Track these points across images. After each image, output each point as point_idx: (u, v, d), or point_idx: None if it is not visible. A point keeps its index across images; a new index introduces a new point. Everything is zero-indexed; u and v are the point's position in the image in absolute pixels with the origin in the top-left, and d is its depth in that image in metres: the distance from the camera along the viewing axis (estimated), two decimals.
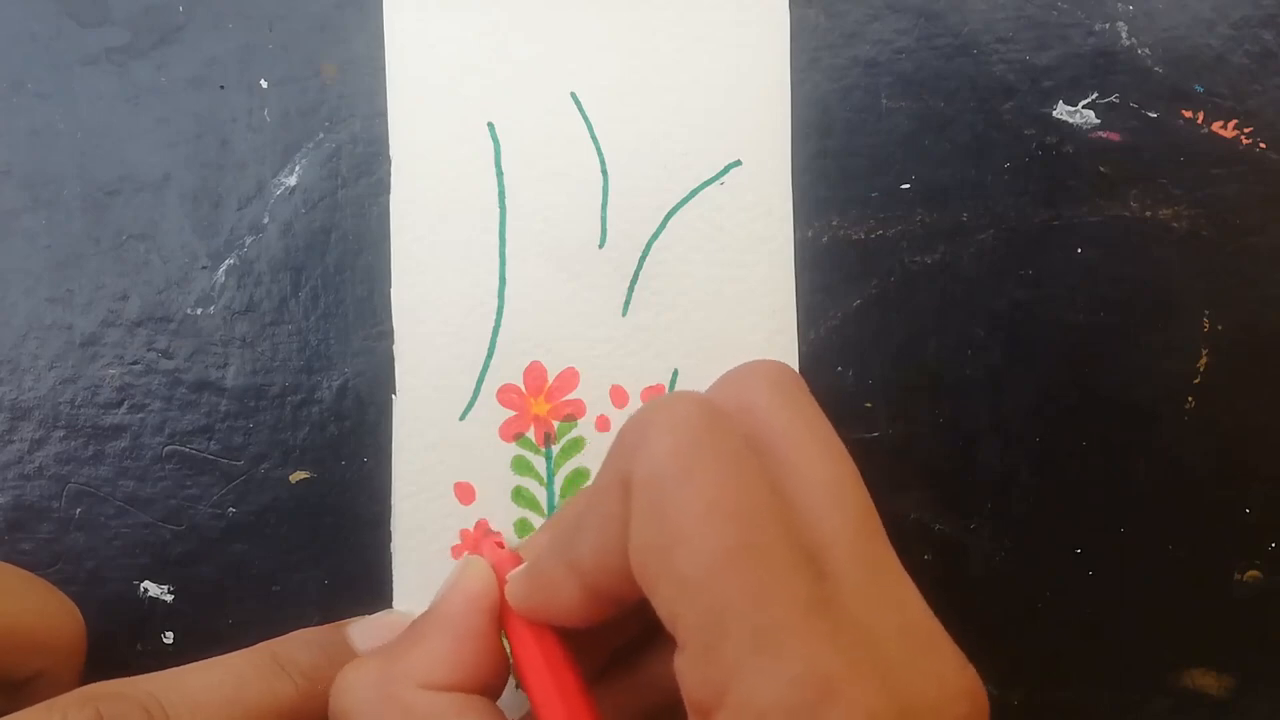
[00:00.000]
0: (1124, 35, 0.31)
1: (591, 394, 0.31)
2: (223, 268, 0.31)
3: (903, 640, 0.20)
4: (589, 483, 0.31)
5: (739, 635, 0.19)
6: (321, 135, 0.31)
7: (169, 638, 0.30)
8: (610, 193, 0.31)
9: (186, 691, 0.25)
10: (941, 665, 0.20)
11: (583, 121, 0.31)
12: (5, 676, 0.25)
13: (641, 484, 0.20)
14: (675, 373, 0.31)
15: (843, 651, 0.19)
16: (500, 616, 0.25)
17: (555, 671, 0.24)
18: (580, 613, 0.23)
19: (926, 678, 0.19)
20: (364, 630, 0.29)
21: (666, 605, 0.20)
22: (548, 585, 0.24)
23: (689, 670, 0.19)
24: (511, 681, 0.28)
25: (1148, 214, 0.31)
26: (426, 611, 0.25)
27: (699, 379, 0.31)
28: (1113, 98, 0.31)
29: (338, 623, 0.29)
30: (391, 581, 0.30)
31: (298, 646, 0.27)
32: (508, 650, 0.25)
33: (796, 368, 0.31)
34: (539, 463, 0.31)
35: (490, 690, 0.24)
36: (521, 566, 0.25)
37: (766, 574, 0.19)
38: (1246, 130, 0.31)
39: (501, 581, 0.25)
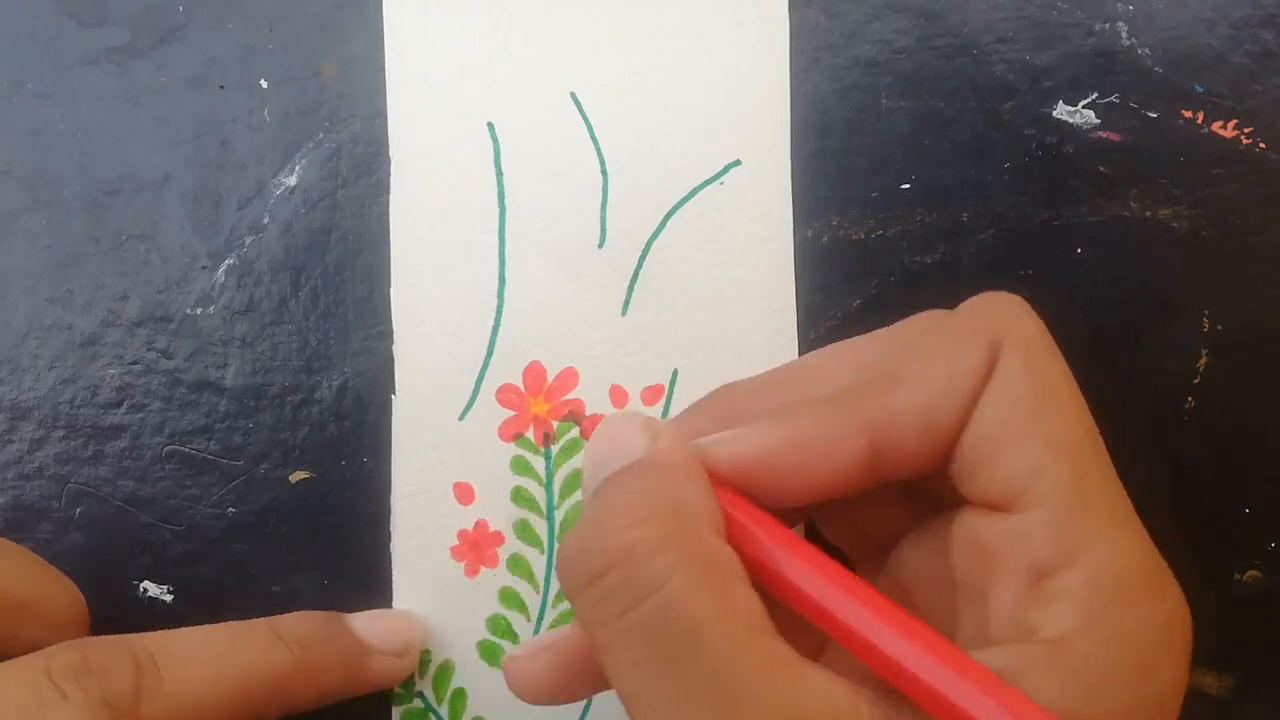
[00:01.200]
0: (1124, 35, 0.31)
1: (591, 394, 0.31)
2: (222, 268, 0.31)
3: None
4: None
5: (1100, 505, 0.21)
6: (321, 135, 0.31)
7: None
8: (610, 192, 0.31)
9: (179, 647, 0.25)
10: (1175, 589, 0.22)
11: (582, 121, 0.31)
12: (5, 647, 0.25)
13: (1027, 347, 0.21)
14: (675, 372, 0.31)
15: (1156, 555, 0.21)
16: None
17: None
18: (845, 479, 0.21)
19: (1174, 590, 0.21)
20: (366, 623, 0.29)
21: (1028, 461, 0.20)
22: (818, 445, 0.21)
23: (1038, 528, 0.20)
24: None
25: (1148, 214, 0.31)
26: (659, 462, 0.21)
27: (699, 379, 0.31)
28: (1113, 98, 0.31)
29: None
30: (391, 582, 0.30)
31: (296, 620, 0.27)
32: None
33: None
34: (538, 463, 0.31)
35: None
36: (780, 417, 0.22)
37: (1109, 463, 0.22)
38: (1246, 130, 0.31)
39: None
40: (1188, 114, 0.31)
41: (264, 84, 0.31)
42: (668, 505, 0.20)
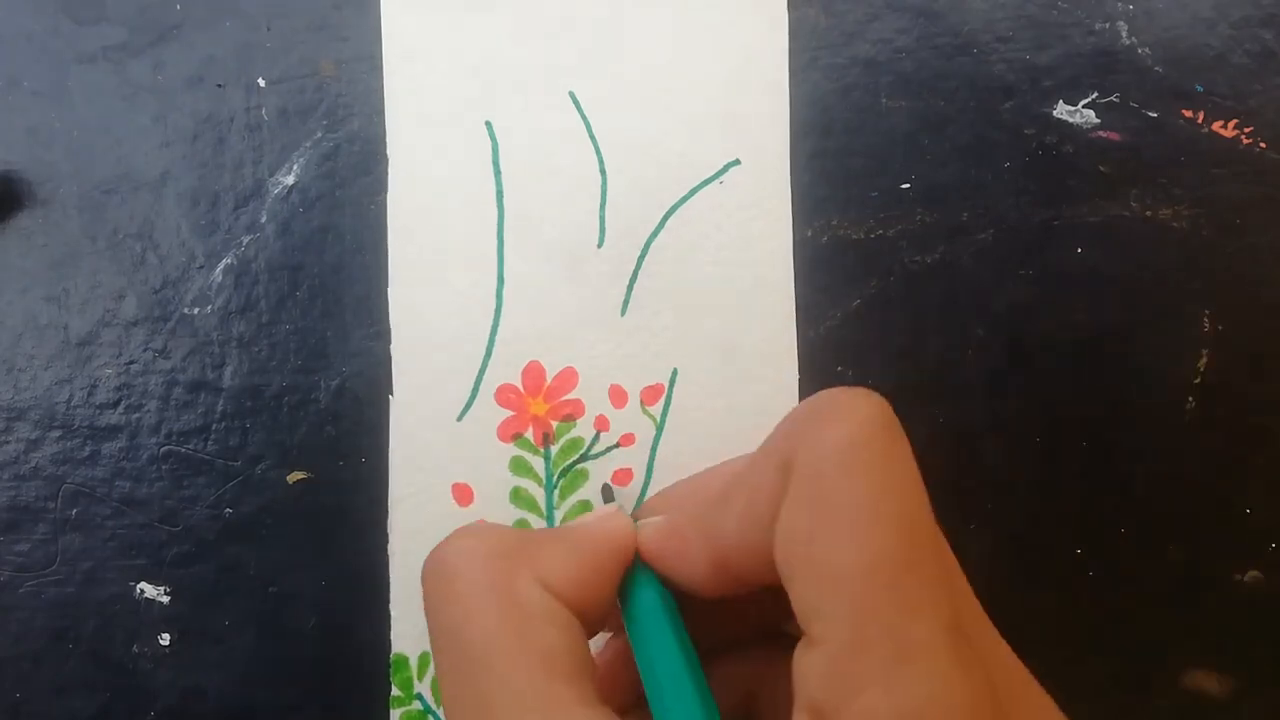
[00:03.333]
0: (1124, 35, 0.31)
1: (590, 394, 0.31)
2: (220, 267, 0.31)
3: (1019, 692, 0.20)
4: (586, 484, 0.31)
5: (882, 643, 0.18)
6: (319, 134, 0.31)
7: (165, 639, 0.30)
8: (609, 192, 0.31)
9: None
10: None
11: (581, 120, 0.31)
12: None
13: (806, 469, 0.20)
14: (674, 372, 0.31)
15: (973, 684, 0.18)
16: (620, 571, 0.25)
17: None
18: (703, 581, 0.23)
19: None
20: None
21: (806, 597, 0.19)
22: (680, 544, 0.24)
23: (817, 668, 0.19)
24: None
25: (1148, 214, 0.31)
26: (560, 528, 0.25)
27: (698, 379, 0.31)
28: (1113, 97, 0.31)
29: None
30: (389, 583, 0.30)
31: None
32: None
33: (796, 368, 0.31)
34: (537, 463, 0.31)
35: (586, 624, 0.23)
36: (659, 517, 0.25)
37: (919, 587, 0.19)
38: (1246, 130, 0.31)
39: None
40: (1188, 114, 0.31)
41: (262, 83, 0.31)
42: (498, 543, 0.23)
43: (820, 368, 0.31)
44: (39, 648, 0.30)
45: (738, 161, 0.31)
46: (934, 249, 0.31)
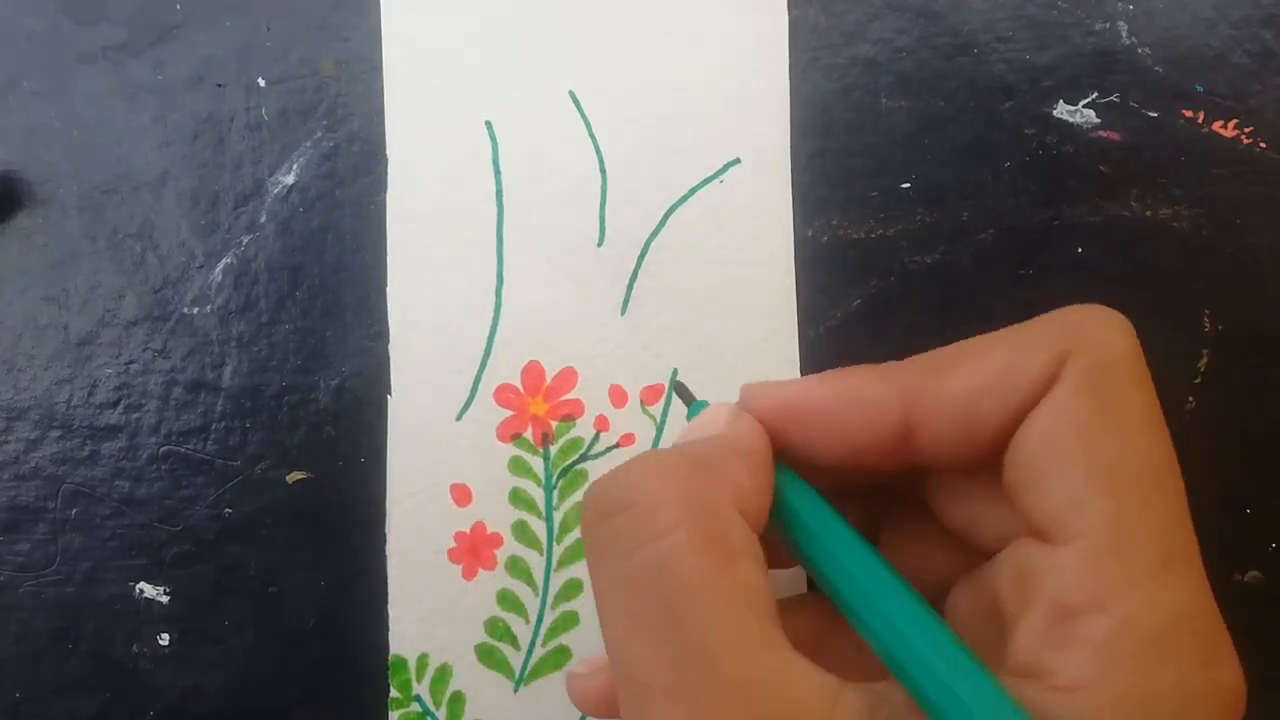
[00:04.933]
0: (1124, 35, 0.31)
1: (590, 394, 0.31)
2: (219, 267, 0.31)
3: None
4: (586, 485, 0.30)
5: (1147, 547, 0.18)
6: (319, 134, 0.31)
7: (165, 639, 0.30)
8: (609, 191, 0.31)
9: None
10: (1230, 655, 0.20)
11: (581, 120, 0.31)
12: None
13: (1094, 364, 0.20)
14: (675, 372, 0.31)
15: (1211, 597, 0.19)
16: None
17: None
18: (870, 449, 0.21)
19: (1228, 656, 0.20)
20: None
21: (1067, 488, 0.19)
22: (856, 404, 0.21)
23: (1068, 565, 0.19)
24: None
25: (1148, 214, 0.31)
26: (716, 438, 0.22)
27: (698, 379, 0.30)
28: (1113, 97, 0.31)
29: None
30: (387, 584, 0.30)
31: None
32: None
33: (796, 368, 0.31)
34: (536, 463, 0.30)
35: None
36: (827, 374, 0.22)
37: (1180, 500, 0.19)
38: (1247, 130, 0.31)
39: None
40: (1188, 114, 0.31)
41: (262, 83, 0.31)
42: (693, 468, 0.20)
43: (820, 368, 0.31)
44: (39, 648, 0.30)
45: (738, 161, 0.31)
46: (934, 249, 0.31)
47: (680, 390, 0.26)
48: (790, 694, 0.18)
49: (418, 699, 0.30)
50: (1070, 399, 0.19)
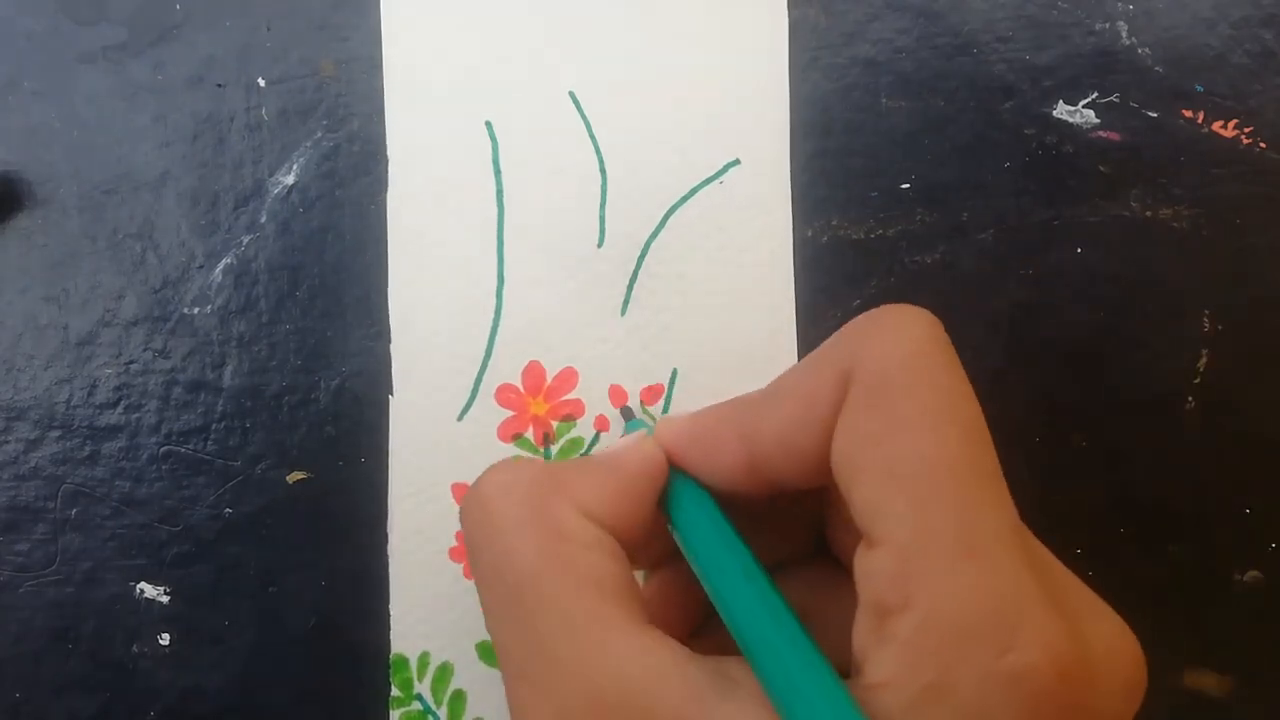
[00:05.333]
0: (1124, 35, 0.31)
1: (590, 394, 0.31)
2: (220, 267, 0.31)
3: (1074, 591, 0.20)
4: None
5: (945, 540, 0.19)
6: (319, 134, 0.31)
7: (165, 639, 0.30)
8: (609, 192, 0.31)
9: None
10: (1108, 624, 0.20)
11: (581, 120, 0.31)
12: None
13: (871, 376, 0.20)
14: (675, 372, 0.31)
15: (1036, 578, 0.18)
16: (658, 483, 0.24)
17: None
18: (731, 478, 0.23)
19: (1096, 630, 0.19)
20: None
21: (870, 496, 0.20)
22: (711, 442, 0.23)
23: (881, 566, 0.19)
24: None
25: (1148, 214, 0.31)
26: (589, 457, 0.25)
27: (698, 379, 0.31)
28: (1113, 97, 0.31)
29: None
30: (388, 583, 0.30)
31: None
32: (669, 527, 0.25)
33: None
34: None
35: (629, 550, 0.23)
36: (685, 414, 0.24)
37: (981, 487, 0.19)
38: (1246, 130, 0.31)
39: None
40: (1188, 114, 0.31)
41: (262, 83, 0.31)
42: (538, 473, 0.23)
43: None
44: (39, 648, 0.30)
45: (738, 161, 0.31)
46: (934, 249, 0.31)
47: (625, 412, 0.29)
48: (626, 668, 0.19)
49: (419, 698, 0.30)
50: (855, 414, 0.20)
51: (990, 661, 0.18)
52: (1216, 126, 0.31)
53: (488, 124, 0.31)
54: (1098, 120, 0.31)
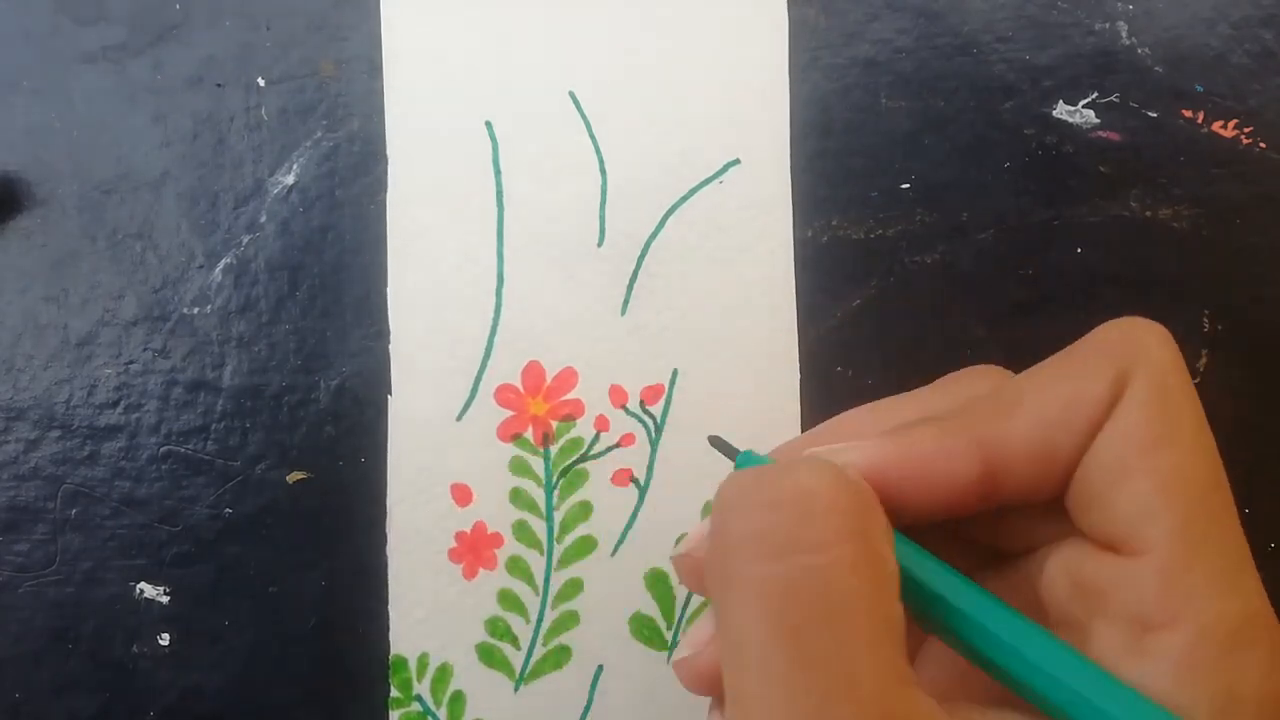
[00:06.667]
0: (1124, 35, 0.31)
1: (590, 394, 0.31)
2: (219, 267, 0.31)
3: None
4: (586, 485, 0.30)
5: (1212, 558, 0.19)
6: (319, 134, 0.31)
7: (165, 639, 0.30)
8: (609, 192, 0.31)
9: None
10: None
11: (581, 120, 0.31)
12: None
13: (1155, 378, 0.20)
14: (675, 372, 0.31)
15: (1267, 602, 0.19)
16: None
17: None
18: (961, 499, 0.21)
19: None
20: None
21: (1138, 503, 0.19)
22: (936, 458, 0.21)
23: (1141, 577, 0.19)
24: None
25: (1148, 214, 0.31)
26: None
27: (698, 379, 0.30)
28: (1113, 97, 0.31)
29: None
30: (388, 584, 0.30)
31: None
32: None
33: (796, 368, 0.31)
34: (537, 464, 0.30)
35: None
36: (924, 425, 0.21)
37: (1232, 509, 0.20)
38: (1246, 130, 0.31)
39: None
40: (1188, 114, 0.31)
41: (261, 82, 0.31)
42: (857, 489, 0.20)
43: (820, 368, 0.31)
44: (39, 648, 0.30)
45: (738, 161, 0.31)
46: (934, 249, 0.31)
47: (719, 444, 0.24)
48: None
49: (418, 698, 0.30)
50: (1136, 417, 0.20)
51: (1270, 674, 0.18)
52: (1216, 126, 0.31)
53: (488, 124, 0.31)
54: (1098, 120, 0.31)
